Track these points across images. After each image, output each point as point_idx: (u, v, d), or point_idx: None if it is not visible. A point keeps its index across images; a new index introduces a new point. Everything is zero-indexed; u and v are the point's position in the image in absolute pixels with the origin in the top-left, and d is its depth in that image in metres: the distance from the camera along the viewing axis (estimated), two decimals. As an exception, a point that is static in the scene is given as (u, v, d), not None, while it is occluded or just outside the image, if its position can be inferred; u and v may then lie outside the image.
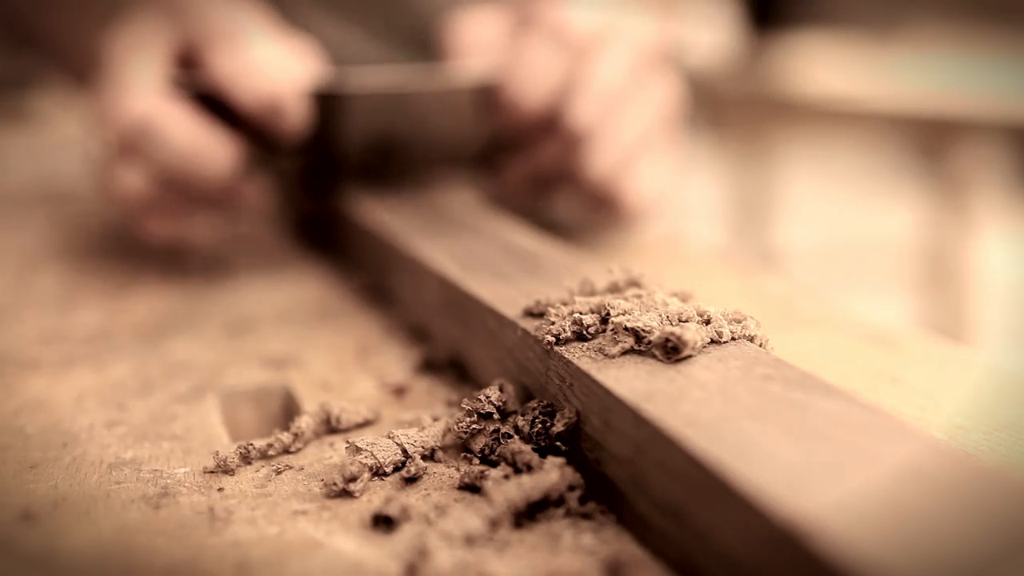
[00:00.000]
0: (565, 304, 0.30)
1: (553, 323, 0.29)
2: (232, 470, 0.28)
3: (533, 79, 0.47)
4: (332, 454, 0.30)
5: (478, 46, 0.52)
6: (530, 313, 0.31)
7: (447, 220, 0.46)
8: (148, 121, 0.43)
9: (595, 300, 0.30)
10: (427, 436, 0.29)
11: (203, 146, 0.44)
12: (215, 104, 0.46)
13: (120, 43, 0.46)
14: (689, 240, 0.57)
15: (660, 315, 0.28)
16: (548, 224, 0.51)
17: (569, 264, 0.38)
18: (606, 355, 0.28)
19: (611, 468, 0.26)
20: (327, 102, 0.47)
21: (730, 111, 2.29)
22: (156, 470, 0.28)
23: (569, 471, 0.26)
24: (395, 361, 0.38)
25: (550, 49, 0.48)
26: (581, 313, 0.29)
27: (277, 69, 0.45)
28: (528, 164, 0.51)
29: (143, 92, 0.44)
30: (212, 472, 0.28)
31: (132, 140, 0.44)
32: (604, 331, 0.29)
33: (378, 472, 0.28)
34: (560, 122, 0.48)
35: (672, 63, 0.54)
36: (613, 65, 0.48)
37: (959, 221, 1.78)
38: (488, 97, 0.49)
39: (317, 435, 0.31)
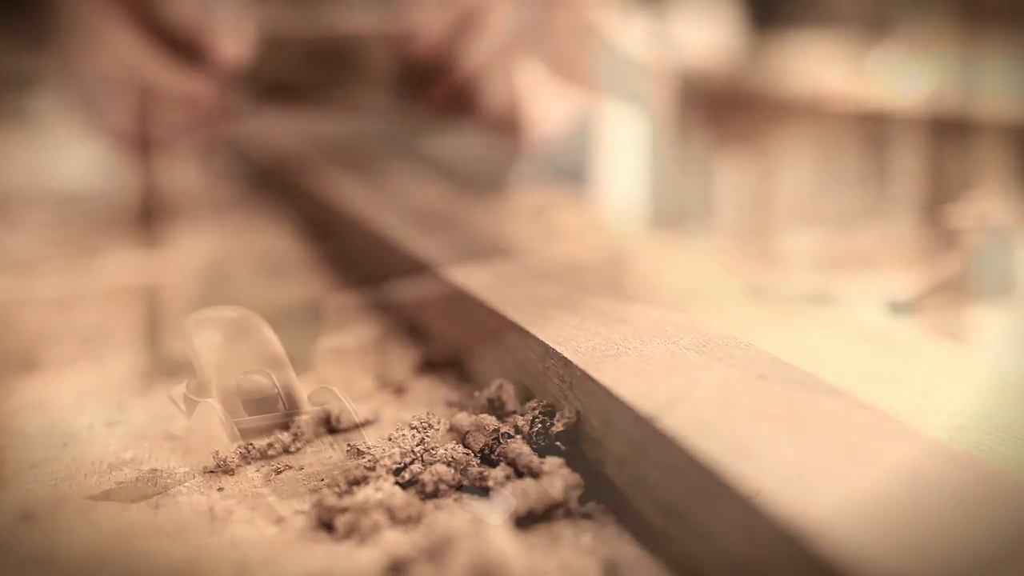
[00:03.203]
0: None
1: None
2: (232, 470, 0.28)
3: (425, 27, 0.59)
4: (332, 454, 0.30)
5: None
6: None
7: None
8: None
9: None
10: (427, 437, 0.29)
11: None
12: None
13: None
14: (689, 240, 0.57)
15: None
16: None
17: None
18: None
19: (611, 468, 0.26)
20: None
21: (729, 111, 2.29)
22: (156, 470, 0.28)
23: (569, 475, 0.26)
24: (395, 361, 0.38)
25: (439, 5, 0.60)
26: None
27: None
28: (438, 92, 0.62)
29: None
30: (212, 472, 0.28)
31: None
32: None
33: (378, 473, 0.28)
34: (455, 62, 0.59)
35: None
36: (501, 19, 0.59)
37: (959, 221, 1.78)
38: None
39: (317, 435, 0.31)
